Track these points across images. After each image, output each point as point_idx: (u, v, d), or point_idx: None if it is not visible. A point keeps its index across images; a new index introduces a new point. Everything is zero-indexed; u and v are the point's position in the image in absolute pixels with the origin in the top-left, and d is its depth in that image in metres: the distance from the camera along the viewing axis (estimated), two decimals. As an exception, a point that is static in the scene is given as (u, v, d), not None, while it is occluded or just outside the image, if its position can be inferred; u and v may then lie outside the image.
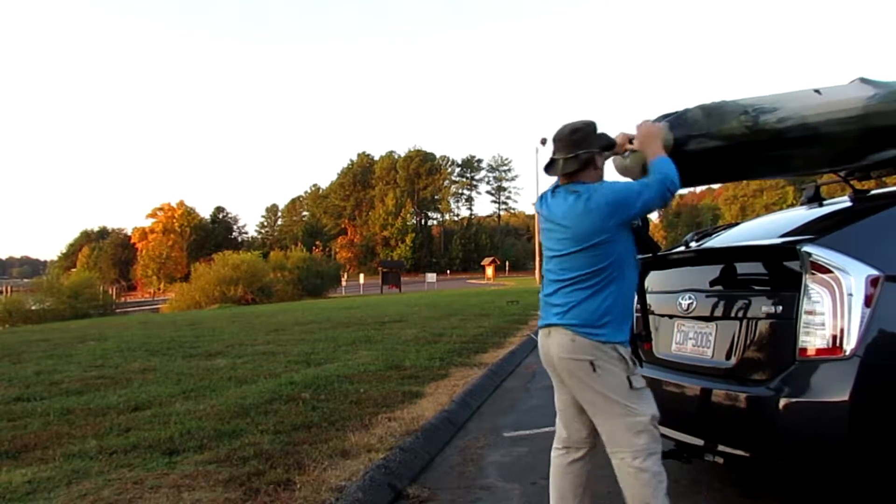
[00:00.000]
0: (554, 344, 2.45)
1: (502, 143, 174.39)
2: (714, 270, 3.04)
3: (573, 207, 2.39)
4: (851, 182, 3.55)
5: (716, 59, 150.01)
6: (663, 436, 3.04)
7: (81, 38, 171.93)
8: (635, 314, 2.91)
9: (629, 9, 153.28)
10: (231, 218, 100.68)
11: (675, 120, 2.73)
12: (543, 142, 38.02)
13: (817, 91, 2.89)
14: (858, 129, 2.87)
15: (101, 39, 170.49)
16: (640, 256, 2.87)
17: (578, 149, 2.42)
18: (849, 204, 3.23)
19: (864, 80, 3.01)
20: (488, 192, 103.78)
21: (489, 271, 60.64)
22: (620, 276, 2.39)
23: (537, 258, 43.71)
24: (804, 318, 2.49)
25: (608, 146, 2.54)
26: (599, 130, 2.51)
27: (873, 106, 2.86)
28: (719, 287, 2.98)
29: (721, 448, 2.74)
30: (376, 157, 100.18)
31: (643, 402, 2.40)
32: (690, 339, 3.04)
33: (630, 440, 2.36)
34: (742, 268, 2.95)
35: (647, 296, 3.16)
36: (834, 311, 2.42)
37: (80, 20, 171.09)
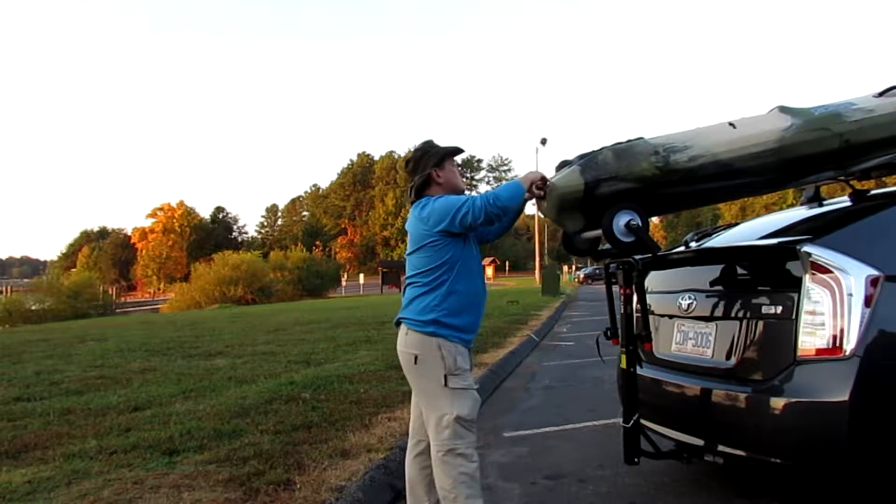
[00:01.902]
0: (398, 337, 2.72)
1: (502, 143, 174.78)
2: (714, 270, 3.03)
3: (412, 216, 2.74)
4: (851, 182, 3.55)
5: (718, 59, 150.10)
6: (663, 436, 3.05)
7: (82, 37, 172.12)
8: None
9: (631, 9, 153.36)
10: (231, 218, 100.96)
11: (586, 163, 2.69)
12: (543, 142, 38.08)
13: (732, 125, 2.83)
14: (776, 162, 2.80)
15: (102, 39, 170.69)
16: (639, 256, 2.88)
17: (414, 176, 2.75)
18: (849, 204, 3.22)
19: (783, 109, 2.93)
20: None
21: (489, 271, 60.65)
22: (452, 280, 2.60)
23: (537, 258, 43.72)
24: (804, 317, 2.49)
25: (446, 156, 2.73)
26: (435, 148, 2.74)
27: (789, 137, 2.80)
28: (719, 287, 2.98)
29: (721, 448, 2.74)
30: (376, 157, 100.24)
31: (454, 401, 2.55)
32: (690, 339, 3.03)
33: (435, 433, 2.57)
34: (742, 268, 2.95)
35: (647, 296, 3.16)
36: (834, 311, 2.42)
37: (81, 20, 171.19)
